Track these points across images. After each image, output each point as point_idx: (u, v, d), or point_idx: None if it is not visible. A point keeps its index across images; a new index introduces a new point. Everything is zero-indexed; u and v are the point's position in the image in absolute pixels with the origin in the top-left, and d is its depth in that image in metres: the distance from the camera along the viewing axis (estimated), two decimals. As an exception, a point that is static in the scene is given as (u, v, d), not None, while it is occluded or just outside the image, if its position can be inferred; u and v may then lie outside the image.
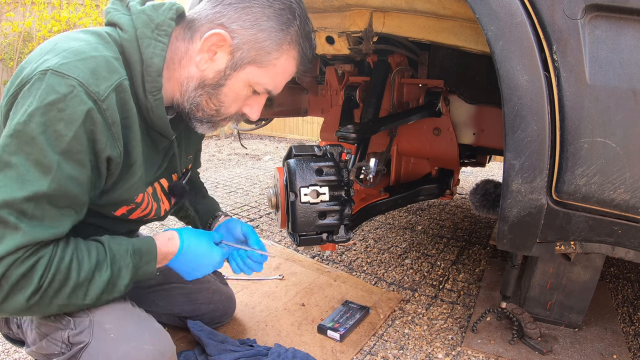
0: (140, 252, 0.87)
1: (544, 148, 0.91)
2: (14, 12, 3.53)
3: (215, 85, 0.88)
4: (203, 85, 0.88)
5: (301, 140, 6.01)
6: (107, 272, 0.80)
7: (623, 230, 0.95)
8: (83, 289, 0.78)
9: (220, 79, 0.87)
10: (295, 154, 1.19)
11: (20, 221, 0.69)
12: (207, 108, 0.91)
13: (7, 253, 0.68)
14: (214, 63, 0.86)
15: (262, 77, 0.89)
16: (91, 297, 0.79)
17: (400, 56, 1.69)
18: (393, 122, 1.61)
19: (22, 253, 0.70)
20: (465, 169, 3.92)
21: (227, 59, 0.86)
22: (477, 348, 1.39)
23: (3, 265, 0.69)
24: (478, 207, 1.40)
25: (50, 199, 0.71)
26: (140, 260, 0.87)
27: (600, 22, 0.84)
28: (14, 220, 0.68)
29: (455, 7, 1.14)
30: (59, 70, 0.69)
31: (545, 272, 1.42)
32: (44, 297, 0.73)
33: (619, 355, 1.36)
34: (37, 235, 0.70)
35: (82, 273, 0.77)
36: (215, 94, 0.89)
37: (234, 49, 0.85)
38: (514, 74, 0.89)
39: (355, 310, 1.54)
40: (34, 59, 0.74)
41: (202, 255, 0.99)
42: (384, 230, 2.45)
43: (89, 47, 0.75)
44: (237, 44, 0.84)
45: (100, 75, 0.73)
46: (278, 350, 1.29)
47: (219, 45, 0.84)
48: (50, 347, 0.85)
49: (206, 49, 0.84)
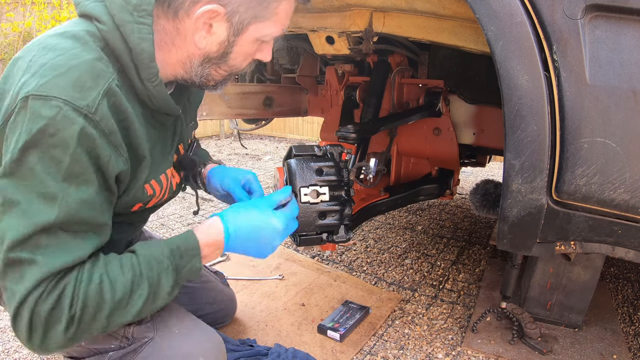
0: (180, 250, 0.79)
1: (544, 148, 0.91)
2: (14, 12, 3.53)
3: (221, 55, 0.84)
4: (208, 59, 0.84)
5: (301, 140, 6.01)
6: (145, 283, 0.74)
7: (623, 230, 0.95)
8: (122, 307, 0.73)
9: (225, 49, 0.83)
10: (295, 154, 1.19)
11: (35, 254, 0.66)
12: (218, 76, 0.88)
13: (30, 290, 0.65)
14: (213, 36, 0.81)
15: (268, 29, 0.84)
16: (132, 313, 0.74)
17: (400, 56, 1.69)
18: (393, 122, 1.61)
19: (45, 286, 0.67)
20: (465, 169, 3.92)
21: (226, 27, 0.80)
22: (477, 348, 1.39)
23: (29, 304, 0.66)
24: (478, 207, 1.40)
25: (63, 226, 0.67)
26: (182, 260, 0.79)
27: (600, 22, 0.84)
28: (28, 256, 0.65)
29: (455, 7, 1.13)
30: (38, 93, 0.64)
31: (545, 272, 1.42)
32: (81, 324, 0.69)
33: (619, 355, 1.36)
34: (56, 264, 0.67)
35: (117, 292, 0.72)
36: (223, 62, 0.86)
37: (230, 15, 0.79)
38: (514, 74, 0.89)
39: (355, 310, 1.54)
40: (12, 81, 0.69)
41: (258, 228, 0.87)
42: (384, 230, 2.45)
43: (65, 56, 0.68)
44: (231, 10, 0.78)
45: (84, 86, 0.67)
46: (278, 350, 1.29)
47: (213, 17, 0.78)
48: (107, 341, 0.85)
49: (200, 26, 0.79)
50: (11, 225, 0.65)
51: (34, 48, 0.71)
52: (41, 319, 0.67)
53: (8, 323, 1.53)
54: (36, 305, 0.66)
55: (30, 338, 0.68)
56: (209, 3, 0.76)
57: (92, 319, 0.70)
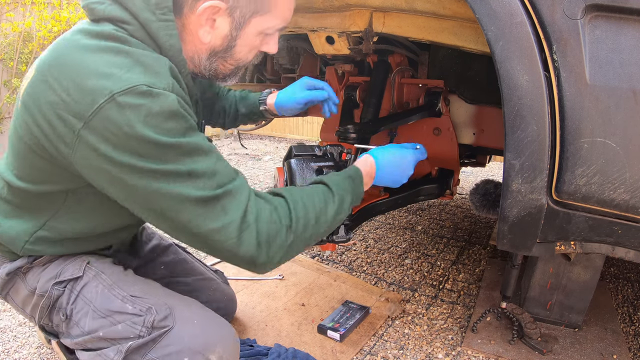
0: (352, 178, 0.98)
1: (544, 148, 0.91)
2: (14, 12, 3.53)
3: (226, 49, 0.89)
4: (214, 53, 0.89)
5: (301, 140, 6.01)
6: (335, 198, 0.92)
7: (623, 230, 0.95)
8: (322, 214, 0.88)
9: (229, 42, 0.88)
10: (295, 154, 1.19)
11: (225, 186, 0.77)
12: (225, 69, 0.94)
13: (243, 213, 0.77)
14: (217, 30, 0.85)
15: (269, 22, 0.88)
16: (328, 221, 0.90)
17: (400, 56, 1.69)
18: (393, 122, 1.61)
19: (252, 208, 0.79)
20: (465, 169, 3.92)
21: (228, 22, 0.84)
22: (477, 348, 1.39)
23: (249, 224, 0.78)
24: (478, 207, 1.40)
25: (219, 164, 0.79)
26: (354, 185, 0.98)
27: (600, 22, 0.84)
28: (221, 191, 0.76)
29: (455, 7, 1.13)
30: (118, 91, 0.69)
31: (545, 272, 1.42)
32: (296, 232, 0.83)
33: (619, 355, 1.36)
34: (245, 189, 0.81)
35: (316, 204, 0.88)
36: (229, 56, 0.90)
37: (231, 10, 0.83)
38: (514, 74, 0.89)
39: (355, 310, 1.54)
40: (79, 87, 0.72)
41: (399, 158, 1.10)
42: (384, 230, 2.45)
43: (124, 66, 0.73)
44: (232, 5, 0.82)
45: (159, 72, 0.75)
46: (278, 350, 1.29)
47: (215, 12, 0.82)
48: (126, 330, 0.89)
49: (204, 22, 0.83)
50: (185, 186, 0.73)
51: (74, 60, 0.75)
52: (264, 233, 0.79)
53: (8, 323, 1.53)
54: (258, 222, 0.79)
55: (258, 255, 0.79)
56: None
57: (304, 227, 0.85)
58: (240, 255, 0.79)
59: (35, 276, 0.97)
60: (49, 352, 1.39)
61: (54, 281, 0.95)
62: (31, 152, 0.82)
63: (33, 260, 0.97)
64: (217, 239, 0.77)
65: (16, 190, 0.90)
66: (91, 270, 0.97)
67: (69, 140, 0.74)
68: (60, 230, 0.93)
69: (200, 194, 0.74)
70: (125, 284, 0.97)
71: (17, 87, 3.51)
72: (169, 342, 0.89)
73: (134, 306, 0.92)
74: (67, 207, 0.91)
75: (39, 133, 0.77)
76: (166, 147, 0.72)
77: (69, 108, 0.72)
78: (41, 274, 0.97)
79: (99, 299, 0.93)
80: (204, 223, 0.75)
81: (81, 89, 0.71)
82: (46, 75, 0.76)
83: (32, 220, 0.92)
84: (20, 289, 1.00)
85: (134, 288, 0.96)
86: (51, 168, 0.83)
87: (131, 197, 0.76)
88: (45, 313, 0.96)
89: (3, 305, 1.65)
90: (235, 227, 0.77)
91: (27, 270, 0.98)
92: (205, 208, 0.75)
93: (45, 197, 0.89)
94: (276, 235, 0.81)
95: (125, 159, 0.71)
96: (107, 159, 0.72)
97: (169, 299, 0.95)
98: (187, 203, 0.74)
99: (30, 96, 0.78)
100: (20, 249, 0.94)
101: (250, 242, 0.78)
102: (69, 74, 0.73)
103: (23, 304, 1.01)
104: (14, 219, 0.93)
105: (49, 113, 0.74)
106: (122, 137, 0.70)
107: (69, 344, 0.97)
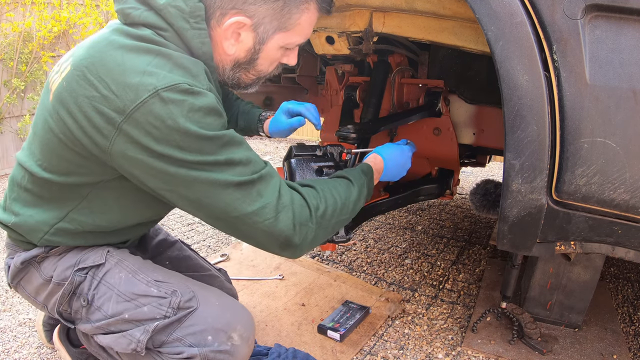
0: (365, 173, 1.07)
1: (544, 148, 0.91)
2: (14, 12, 3.52)
3: (249, 61, 0.95)
4: (238, 65, 0.95)
5: (301, 140, 6.01)
6: (355, 189, 1.00)
7: (623, 230, 0.95)
8: (346, 200, 0.96)
9: (252, 55, 0.94)
10: (295, 154, 1.19)
11: (258, 172, 0.84)
12: (247, 79, 1.00)
13: (277, 196, 0.84)
14: (241, 43, 0.91)
15: (291, 38, 0.94)
16: (349, 208, 0.98)
17: (400, 56, 1.69)
18: (393, 122, 1.61)
19: (284, 192, 0.86)
20: (465, 169, 3.92)
21: (252, 37, 0.90)
22: (477, 348, 1.39)
23: (285, 206, 0.84)
24: (478, 207, 1.40)
25: (251, 154, 0.86)
26: (367, 178, 1.07)
27: (600, 22, 0.84)
28: (256, 176, 0.83)
29: (455, 7, 1.13)
30: (163, 87, 0.74)
31: (545, 272, 1.42)
32: (324, 217, 0.90)
33: (619, 355, 1.36)
34: (274, 170, 0.88)
35: (341, 193, 0.96)
36: (251, 67, 0.97)
37: (256, 26, 0.88)
38: (514, 74, 0.89)
39: (355, 310, 1.54)
40: (125, 85, 0.76)
41: (400, 155, 1.21)
42: (384, 230, 2.45)
43: (165, 66, 0.78)
44: (257, 22, 0.88)
45: (196, 74, 0.81)
46: (278, 350, 1.29)
47: (240, 27, 0.88)
48: (152, 312, 0.94)
49: (229, 35, 0.89)
50: (226, 173, 0.80)
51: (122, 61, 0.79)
52: (298, 216, 0.86)
53: (8, 323, 1.53)
54: (293, 205, 0.86)
55: (293, 236, 0.85)
56: (237, 15, 0.86)
57: (331, 214, 0.92)
58: (276, 235, 0.84)
59: (52, 265, 0.99)
60: (49, 352, 1.39)
61: (76, 268, 0.97)
62: (61, 144, 0.85)
63: (49, 250, 0.99)
64: (255, 220, 0.82)
65: (40, 181, 0.92)
66: (113, 258, 1.00)
67: (107, 132, 0.77)
68: (81, 222, 0.95)
69: (238, 179, 0.80)
70: (147, 270, 1.01)
71: (17, 87, 3.50)
72: (193, 322, 0.94)
73: (159, 289, 0.96)
74: (90, 200, 0.93)
75: (73, 126, 0.81)
76: (206, 139, 0.77)
77: (109, 102, 0.76)
78: (58, 263, 0.99)
79: (123, 284, 0.97)
80: (241, 206, 0.81)
81: (123, 84, 0.75)
82: (84, 71, 0.79)
83: (54, 211, 0.94)
84: (33, 277, 1.01)
85: (156, 274, 1.00)
86: (80, 160, 0.86)
87: (170, 187, 0.81)
88: (66, 299, 0.98)
89: (3, 305, 1.65)
90: (271, 208, 0.83)
91: (42, 260, 1.00)
92: (242, 192, 0.81)
93: (70, 188, 0.91)
94: (308, 219, 0.87)
95: (167, 151, 0.76)
96: (148, 151, 0.76)
97: (189, 284, 1.01)
98: (225, 189, 0.80)
99: (66, 91, 0.81)
100: (39, 239, 0.96)
101: (287, 222, 0.84)
102: (109, 70, 0.77)
103: (36, 292, 1.03)
104: (34, 208, 0.95)
105: (86, 107, 0.78)
106: (164, 130, 0.74)
107: (87, 330, 0.99)
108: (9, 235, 1.03)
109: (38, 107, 0.96)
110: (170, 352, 0.94)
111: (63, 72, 0.85)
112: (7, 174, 3.72)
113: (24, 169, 0.95)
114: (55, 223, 0.95)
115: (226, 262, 1.96)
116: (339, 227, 0.98)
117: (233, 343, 0.95)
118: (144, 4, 0.84)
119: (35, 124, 0.93)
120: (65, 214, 0.94)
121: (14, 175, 0.99)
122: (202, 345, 0.92)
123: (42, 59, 3.60)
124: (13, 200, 0.98)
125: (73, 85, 0.80)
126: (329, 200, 0.92)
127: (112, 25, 0.88)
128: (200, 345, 0.92)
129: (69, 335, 1.25)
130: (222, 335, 0.94)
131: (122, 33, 0.83)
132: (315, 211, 0.89)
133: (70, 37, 3.81)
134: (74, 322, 1.02)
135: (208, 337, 0.93)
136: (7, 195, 1.01)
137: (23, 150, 0.98)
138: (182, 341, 0.93)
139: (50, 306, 1.02)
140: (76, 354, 1.21)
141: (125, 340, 0.93)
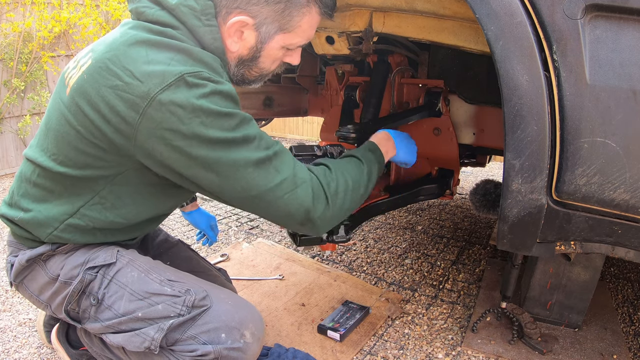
0: (371, 150, 1.14)
1: (544, 148, 0.91)
2: (14, 12, 3.52)
3: (251, 59, 0.99)
4: (242, 62, 0.99)
5: (301, 140, 6.01)
6: (365, 168, 1.06)
7: (623, 230, 0.95)
8: (359, 178, 1.03)
9: (255, 53, 0.98)
10: (295, 154, 1.19)
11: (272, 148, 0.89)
12: (251, 76, 1.04)
13: (293, 173, 0.89)
14: (244, 41, 0.95)
15: (292, 39, 0.97)
16: (362, 187, 1.04)
17: (400, 56, 1.69)
18: (393, 122, 1.61)
19: (300, 171, 0.92)
20: (465, 169, 3.92)
21: (255, 35, 0.94)
22: (477, 348, 1.39)
23: (302, 180, 0.90)
24: (478, 207, 1.40)
25: (260, 130, 0.91)
26: (375, 155, 1.13)
27: (600, 22, 0.84)
28: (271, 152, 0.89)
29: (455, 7, 1.13)
30: (188, 72, 0.79)
31: (545, 272, 1.42)
32: (338, 195, 0.96)
33: (619, 355, 1.36)
34: (285, 148, 0.94)
35: (353, 172, 1.02)
36: (254, 65, 1.01)
37: (258, 25, 0.92)
38: (514, 74, 0.89)
39: (355, 310, 1.54)
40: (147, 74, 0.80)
41: (406, 137, 1.30)
42: (384, 230, 2.45)
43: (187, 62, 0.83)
44: (259, 22, 0.92)
45: (209, 65, 0.86)
46: (278, 350, 1.29)
47: (243, 25, 0.91)
48: (166, 310, 0.95)
49: (233, 33, 0.93)
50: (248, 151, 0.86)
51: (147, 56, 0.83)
52: (317, 190, 0.92)
53: (8, 323, 1.53)
54: (311, 180, 0.92)
55: (313, 208, 0.91)
56: (240, 14, 0.90)
57: (344, 192, 0.97)
58: (296, 208, 0.89)
59: (59, 263, 0.99)
60: (49, 352, 1.39)
61: (86, 267, 0.97)
62: (79, 136, 0.87)
63: (56, 248, 0.98)
64: (276, 195, 0.87)
65: (53, 175, 0.93)
66: (124, 258, 1.00)
67: (131, 119, 0.80)
68: (92, 218, 0.95)
69: (255, 156, 0.85)
70: (159, 270, 1.02)
71: (17, 87, 3.50)
72: (207, 320, 0.95)
73: (173, 288, 0.97)
74: (103, 195, 0.94)
75: (95, 116, 0.83)
76: (225, 115, 0.82)
77: (133, 89, 0.79)
78: (65, 261, 0.98)
79: (135, 283, 0.97)
80: (262, 183, 0.86)
81: (149, 72, 0.79)
82: (107, 63, 0.83)
83: (65, 206, 0.94)
84: (38, 276, 1.01)
85: (168, 273, 1.01)
86: (98, 152, 0.88)
87: (192, 170, 0.84)
88: (75, 298, 0.98)
89: (3, 305, 1.65)
90: (289, 182, 0.88)
91: (47, 258, 1.00)
92: (260, 170, 0.86)
93: (84, 182, 0.92)
94: (326, 196, 0.93)
95: (191, 130, 0.80)
96: (172, 133, 0.80)
97: (201, 283, 1.03)
98: (245, 168, 0.85)
99: (87, 82, 0.84)
100: (47, 235, 0.96)
101: (305, 196, 0.90)
102: (134, 60, 0.81)
103: (40, 291, 1.03)
104: (44, 203, 0.95)
105: (109, 96, 0.81)
106: (189, 110, 0.79)
107: (95, 329, 0.99)
108: (12, 232, 1.02)
109: (50, 103, 0.97)
110: (183, 350, 0.94)
111: (83, 66, 0.87)
112: (7, 174, 3.72)
113: (35, 164, 0.95)
114: (66, 219, 0.95)
115: (226, 262, 1.96)
116: (356, 205, 1.03)
117: (245, 341, 0.96)
118: (157, 4, 0.88)
119: (49, 119, 0.94)
120: (77, 209, 0.94)
121: (22, 171, 0.99)
122: (215, 342, 0.93)
123: (42, 59, 3.60)
124: (21, 197, 0.98)
125: (95, 76, 0.83)
126: (340, 179, 0.98)
127: (129, 23, 0.90)
128: (214, 342, 0.93)
129: (68, 336, 1.24)
130: (235, 333, 0.95)
131: (144, 28, 0.86)
132: (329, 188, 0.94)
133: (70, 37, 3.81)
134: (81, 322, 1.02)
135: (222, 334, 0.94)
136: (13, 191, 1.01)
137: (31, 147, 0.99)
138: (196, 339, 0.94)
139: (55, 305, 1.02)
140: (76, 355, 1.21)
141: (139, 339, 0.93)
